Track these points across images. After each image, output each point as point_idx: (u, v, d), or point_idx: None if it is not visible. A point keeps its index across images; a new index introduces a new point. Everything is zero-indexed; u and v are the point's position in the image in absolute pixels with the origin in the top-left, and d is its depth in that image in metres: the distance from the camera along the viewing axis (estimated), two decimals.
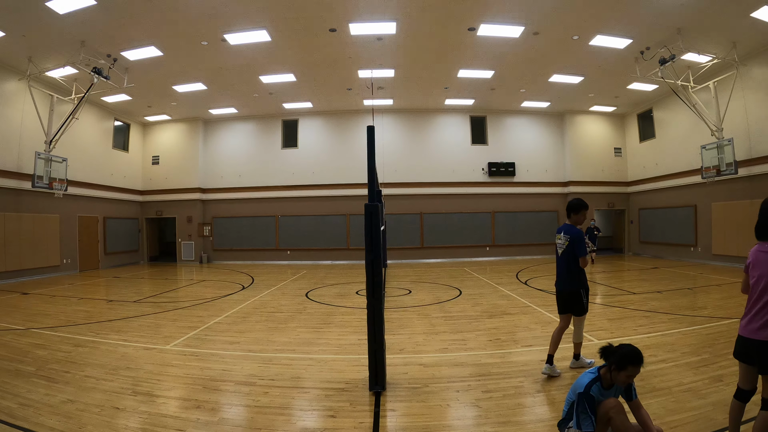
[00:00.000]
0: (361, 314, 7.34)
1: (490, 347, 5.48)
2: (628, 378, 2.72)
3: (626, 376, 2.71)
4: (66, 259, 14.93)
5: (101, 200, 16.83)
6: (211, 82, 14.88)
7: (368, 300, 4.10)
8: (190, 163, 19.13)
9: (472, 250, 18.53)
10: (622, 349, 2.76)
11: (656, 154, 17.51)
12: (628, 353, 2.72)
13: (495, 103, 18.02)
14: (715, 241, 14.42)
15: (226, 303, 9.10)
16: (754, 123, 12.79)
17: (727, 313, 6.95)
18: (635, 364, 2.70)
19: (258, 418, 3.52)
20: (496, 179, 18.84)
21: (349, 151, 18.45)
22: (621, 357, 2.72)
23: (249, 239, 18.87)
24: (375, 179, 4.56)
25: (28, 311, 8.19)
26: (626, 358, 2.70)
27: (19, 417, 3.44)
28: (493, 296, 9.36)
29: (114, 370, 4.66)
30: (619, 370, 2.71)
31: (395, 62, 13.60)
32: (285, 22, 10.77)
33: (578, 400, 2.73)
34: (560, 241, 4.54)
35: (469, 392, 3.99)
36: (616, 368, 2.72)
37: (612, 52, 12.66)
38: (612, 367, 2.75)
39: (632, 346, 2.78)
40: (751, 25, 10.75)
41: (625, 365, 2.70)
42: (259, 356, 5.24)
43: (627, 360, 2.70)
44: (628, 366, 2.70)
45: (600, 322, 6.65)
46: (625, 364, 2.70)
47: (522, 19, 10.86)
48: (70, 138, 14.21)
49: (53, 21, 10.00)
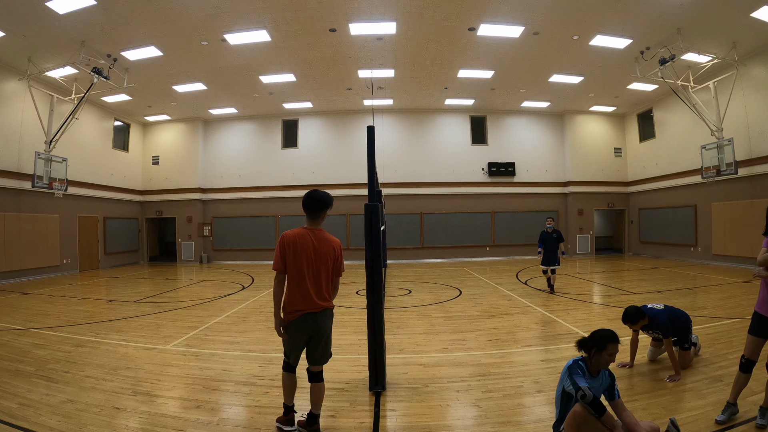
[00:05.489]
0: (361, 314, 7.34)
1: (490, 347, 5.48)
2: (610, 357, 2.88)
3: (608, 354, 2.87)
4: (66, 259, 14.93)
5: (101, 200, 16.82)
6: (211, 82, 14.88)
7: (368, 300, 4.10)
8: (190, 163, 19.13)
9: (472, 250, 18.53)
10: (598, 333, 2.97)
11: (656, 154, 17.50)
12: (604, 334, 2.93)
13: (495, 103, 18.02)
14: (715, 241, 14.41)
15: (226, 303, 9.10)
16: (754, 123, 12.79)
17: (727, 313, 6.95)
18: (613, 342, 2.90)
19: (258, 418, 3.52)
20: (496, 179, 18.85)
21: (349, 151, 18.45)
22: (600, 339, 2.91)
23: (249, 239, 18.87)
24: (375, 179, 4.56)
25: (28, 311, 8.19)
26: (605, 338, 2.90)
27: (19, 417, 3.43)
28: (493, 296, 9.36)
29: (114, 370, 4.66)
30: (601, 351, 2.88)
31: (395, 62, 13.60)
32: (285, 22, 10.77)
33: (567, 370, 2.87)
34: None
35: (469, 392, 3.99)
36: (597, 350, 2.89)
37: (612, 52, 12.66)
38: (593, 351, 2.91)
39: (604, 328, 3.02)
40: (751, 25, 10.75)
41: (604, 344, 2.88)
42: (259, 356, 5.23)
43: (606, 339, 2.89)
44: (608, 344, 2.87)
45: (600, 323, 6.64)
46: (605, 343, 2.88)
47: (522, 19, 10.85)
48: (70, 138, 14.21)
49: (53, 21, 10.00)
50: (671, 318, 4.40)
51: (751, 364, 3.23)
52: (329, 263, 3.24)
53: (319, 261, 3.18)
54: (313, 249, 3.18)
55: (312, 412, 3.26)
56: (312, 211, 3.30)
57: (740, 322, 6.17)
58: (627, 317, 4.47)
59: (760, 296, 3.26)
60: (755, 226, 12.36)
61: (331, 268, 3.27)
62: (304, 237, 3.20)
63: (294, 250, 3.15)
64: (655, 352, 4.71)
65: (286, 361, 3.32)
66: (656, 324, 4.40)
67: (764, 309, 3.20)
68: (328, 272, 3.25)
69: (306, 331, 3.18)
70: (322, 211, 3.31)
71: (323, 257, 3.20)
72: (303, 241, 3.18)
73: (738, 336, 5.35)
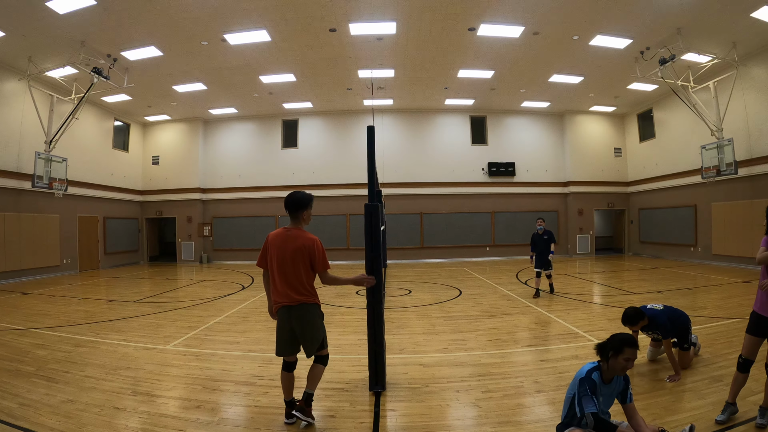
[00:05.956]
0: (361, 314, 7.34)
1: (490, 347, 5.48)
2: (626, 361, 2.79)
3: (624, 359, 2.79)
4: (66, 259, 14.93)
5: (101, 200, 16.82)
6: (211, 82, 14.88)
7: (368, 300, 4.10)
8: (190, 163, 19.13)
9: (472, 250, 18.53)
10: (617, 336, 2.88)
11: (656, 154, 17.50)
12: (623, 337, 2.84)
13: (495, 103, 18.02)
14: (715, 241, 14.41)
15: (226, 303, 9.10)
16: (754, 123, 12.79)
17: (727, 313, 6.96)
18: (631, 346, 2.80)
19: (258, 418, 3.52)
20: (496, 179, 18.85)
21: (349, 151, 18.45)
22: (618, 342, 2.82)
23: (249, 239, 18.85)
24: (375, 179, 4.56)
25: (28, 311, 8.19)
26: (623, 342, 2.81)
27: (19, 417, 3.44)
28: (493, 296, 9.36)
29: (114, 370, 4.66)
30: (618, 354, 2.79)
31: (395, 62, 13.60)
32: (285, 22, 10.77)
33: (579, 384, 2.78)
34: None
35: (469, 392, 3.99)
36: (614, 353, 2.80)
37: (612, 52, 12.66)
38: (610, 354, 2.83)
39: (625, 333, 2.92)
40: (751, 25, 10.75)
41: (621, 348, 2.79)
42: (259, 356, 5.24)
43: (624, 343, 2.80)
44: (625, 348, 2.79)
45: (600, 322, 6.65)
46: (622, 346, 2.79)
47: (522, 19, 10.85)
48: (70, 138, 14.21)
49: (53, 21, 10.00)
50: (671, 318, 4.41)
51: (749, 363, 3.24)
52: (306, 260, 3.34)
53: (295, 258, 3.32)
54: (285, 248, 3.34)
55: (306, 391, 3.43)
56: (290, 211, 3.44)
57: (740, 322, 6.17)
58: (626, 318, 4.47)
59: (758, 297, 3.27)
60: (755, 226, 12.39)
61: (308, 265, 3.35)
62: (279, 236, 3.40)
63: (271, 249, 3.39)
64: (655, 352, 4.72)
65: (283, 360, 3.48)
66: (656, 324, 4.40)
67: (764, 309, 3.20)
68: (306, 269, 3.35)
69: (285, 322, 3.39)
70: (299, 211, 3.43)
71: (297, 254, 3.32)
72: (278, 241, 3.39)
73: (738, 336, 5.34)
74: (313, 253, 3.34)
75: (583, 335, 5.90)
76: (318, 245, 3.37)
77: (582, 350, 5.22)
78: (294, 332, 3.37)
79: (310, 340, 3.39)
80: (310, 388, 3.44)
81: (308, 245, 3.34)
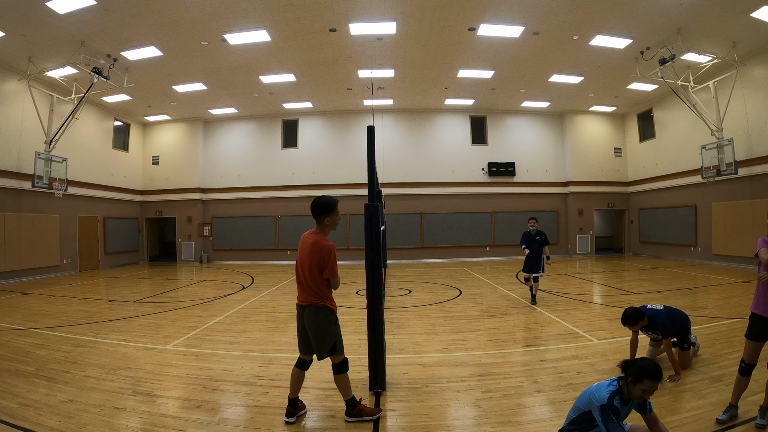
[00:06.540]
0: (361, 314, 7.34)
1: (490, 347, 5.48)
2: (643, 393, 2.61)
3: (641, 390, 2.61)
4: (66, 259, 14.93)
5: (101, 200, 16.82)
6: (211, 82, 14.88)
7: (368, 300, 4.10)
8: (190, 163, 19.13)
9: (472, 250, 18.53)
10: (641, 362, 2.67)
11: (656, 154, 17.50)
12: (645, 366, 2.62)
13: (495, 103, 18.02)
14: (715, 241, 14.41)
15: (226, 303, 9.10)
16: (754, 123, 12.79)
17: (727, 313, 6.96)
18: (652, 379, 2.59)
19: (258, 418, 3.52)
20: (496, 179, 18.84)
21: (349, 151, 18.45)
22: (639, 369, 2.62)
23: (249, 239, 18.87)
24: (375, 179, 4.56)
25: (28, 311, 8.19)
26: (644, 371, 2.60)
27: (19, 417, 3.44)
28: (493, 296, 9.36)
29: (114, 370, 4.66)
30: (636, 383, 2.63)
31: (395, 62, 13.60)
32: (285, 22, 10.77)
33: (602, 412, 2.59)
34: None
35: (469, 392, 3.99)
36: (633, 380, 2.64)
37: (612, 52, 12.66)
38: (629, 380, 2.66)
39: (652, 360, 2.72)
40: (751, 25, 10.75)
41: (641, 378, 2.60)
42: (259, 356, 5.24)
43: (644, 373, 2.60)
44: (645, 379, 2.59)
45: (600, 322, 6.65)
46: (642, 377, 2.60)
47: (522, 19, 10.85)
48: (70, 138, 14.22)
49: (53, 21, 10.00)
50: (670, 318, 4.41)
51: (751, 367, 3.22)
52: (317, 264, 3.37)
53: (310, 261, 3.39)
54: (304, 250, 3.46)
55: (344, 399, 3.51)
56: (313, 215, 3.52)
57: (740, 322, 6.17)
58: (626, 319, 4.47)
59: (757, 297, 3.24)
60: (755, 226, 12.42)
61: (320, 270, 3.39)
62: (304, 239, 3.54)
63: (298, 249, 3.56)
64: (655, 352, 4.72)
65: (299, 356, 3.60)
66: (655, 324, 4.40)
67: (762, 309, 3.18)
68: (317, 272, 3.39)
69: (299, 321, 3.52)
70: (321, 216, 3.48)
71: (312, 259, 3.38)
72: (301, 242, 3.54)
73: (738, 336, 5.35)
74: (323, 258, 3.37)
75: (583, 335, 5.90)
76: (331, 252, 3.39)
77: (582, 350, 5.23)
78: (305, 331, 3.47)
79: (315, 341, 3.42)
80: (345, 396, 3.48)
81: (324, 252, 3.38)
